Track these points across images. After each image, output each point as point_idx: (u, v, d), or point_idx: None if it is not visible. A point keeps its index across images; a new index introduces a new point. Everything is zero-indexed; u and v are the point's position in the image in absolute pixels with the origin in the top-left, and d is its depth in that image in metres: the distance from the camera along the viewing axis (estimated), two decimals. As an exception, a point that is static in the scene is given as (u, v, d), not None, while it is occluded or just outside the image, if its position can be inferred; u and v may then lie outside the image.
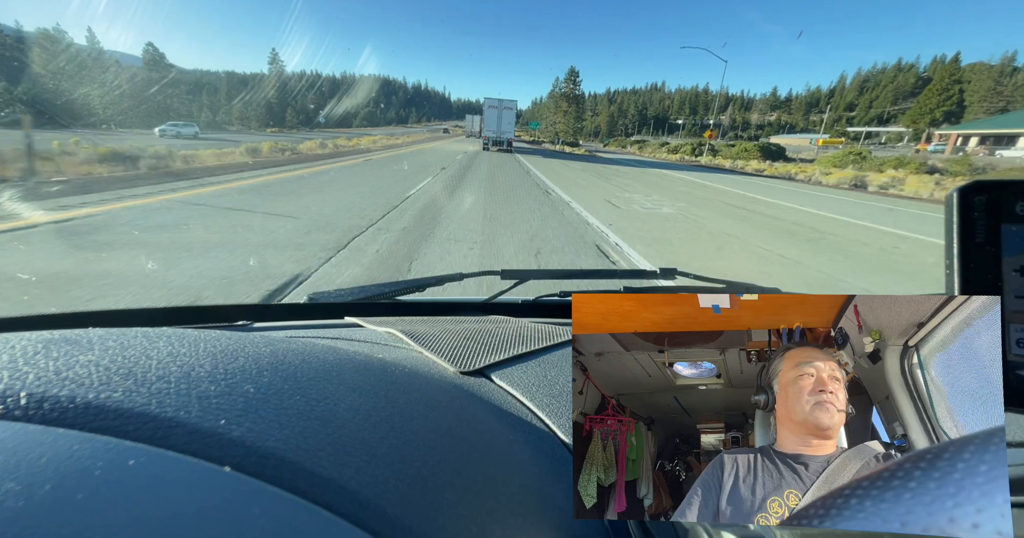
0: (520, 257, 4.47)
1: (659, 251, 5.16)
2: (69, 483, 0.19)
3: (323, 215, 6.00)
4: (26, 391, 0.25)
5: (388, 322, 0.80)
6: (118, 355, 0.31)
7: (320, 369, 0.37)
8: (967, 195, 0.34)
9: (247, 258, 3.83)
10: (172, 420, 0.25)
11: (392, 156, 20.18)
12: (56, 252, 3.88)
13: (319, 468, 0.25)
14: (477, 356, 0.64)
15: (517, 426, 0.48)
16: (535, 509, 0.36)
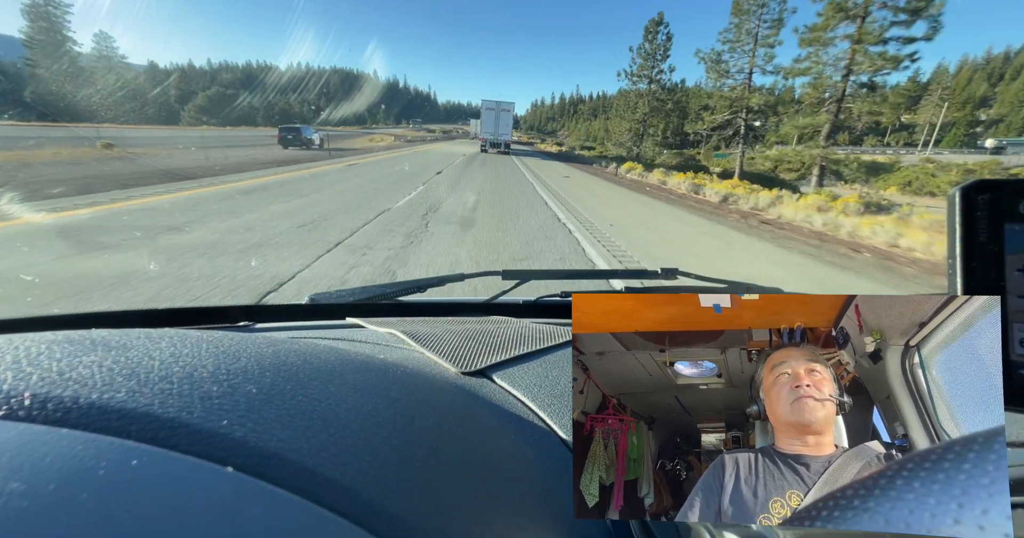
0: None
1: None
2: (72, 483, 0.19)
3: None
4: (30, 392, 0.25)
5: (389, 323, 0.80)
6: (121, 356, 0.31)
7: (322, 370, 0.37)
8: (970, 194, 0.34)
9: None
10: (175, 420, 0.25)
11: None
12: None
13: (321, 468, 0.25)
14: (478, 356, 0.64)
15: (518, 426, 0.48)
16: (537, 509, 0.36)
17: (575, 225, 6.92)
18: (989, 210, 0.33)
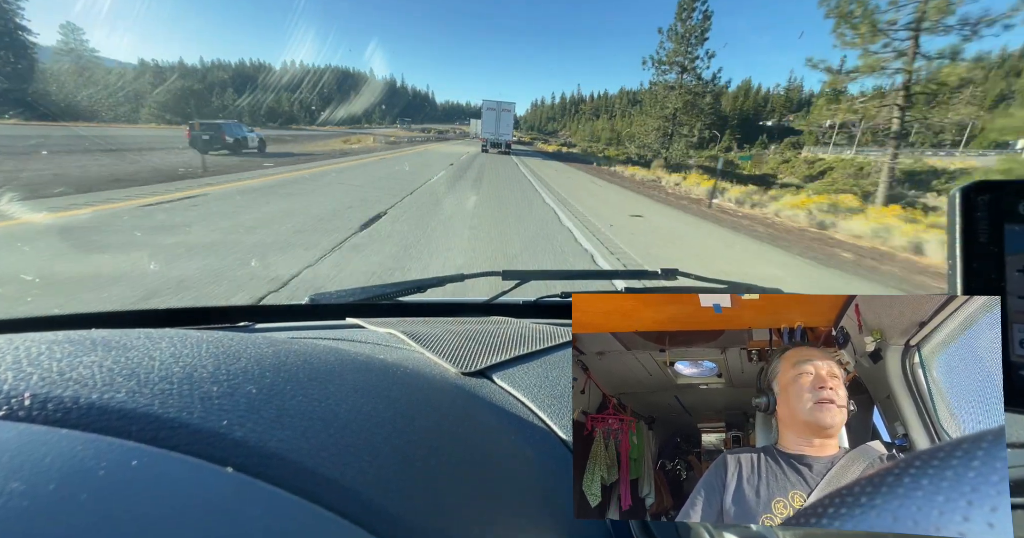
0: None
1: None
2: (72, 483, 0.19)
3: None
4: (30, 392, 0.25)
5: (389, 323, 0.80)
6: (121, 356, 0.31)
7: (322, 370, 0.37)
8: (970, 195, 0.34)
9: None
10: (175, 421, 0.25)
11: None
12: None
13: (321, 468, 0.25)
14: (478, 357, 0.64)
15: (518, 426, 0.48)
16: (537, 509, 0.36)
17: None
18: (989, 211, 0.33)
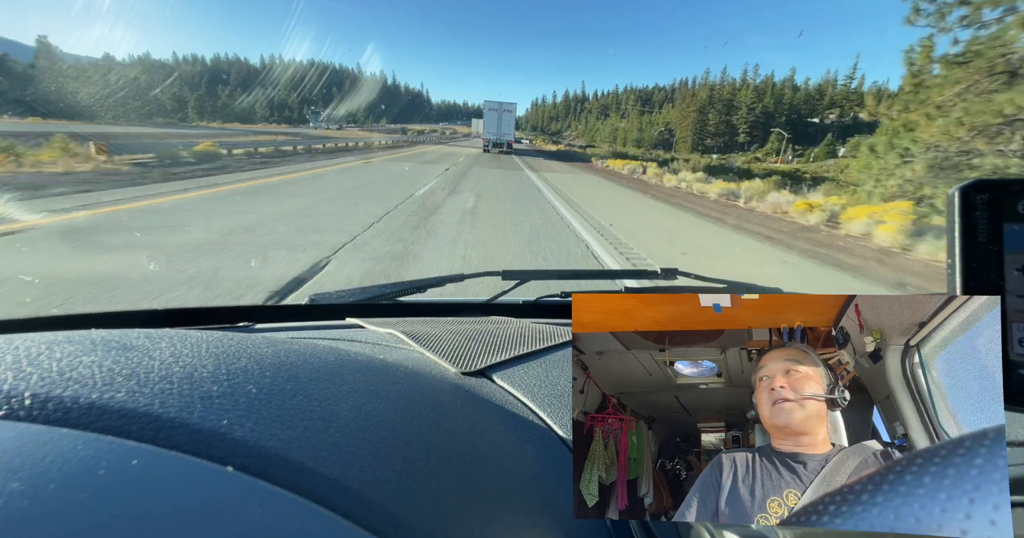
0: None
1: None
2: (73, 483, 0.19)
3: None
4: (30, 392, 0.25)
5: (389, 323, 0.80)
6: (121, 356, 0.31)
7: (322, 370, 0.37)
8: (969, 194, 0.34)
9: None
10: (175, 420, 0.25)
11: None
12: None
13: (322, 468, 0.25)
14: (478, 357, 0.64)
15: (518, 426, 0.48)
16: (537, 508, 0.36)
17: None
18: (988, 210, 0.33)
